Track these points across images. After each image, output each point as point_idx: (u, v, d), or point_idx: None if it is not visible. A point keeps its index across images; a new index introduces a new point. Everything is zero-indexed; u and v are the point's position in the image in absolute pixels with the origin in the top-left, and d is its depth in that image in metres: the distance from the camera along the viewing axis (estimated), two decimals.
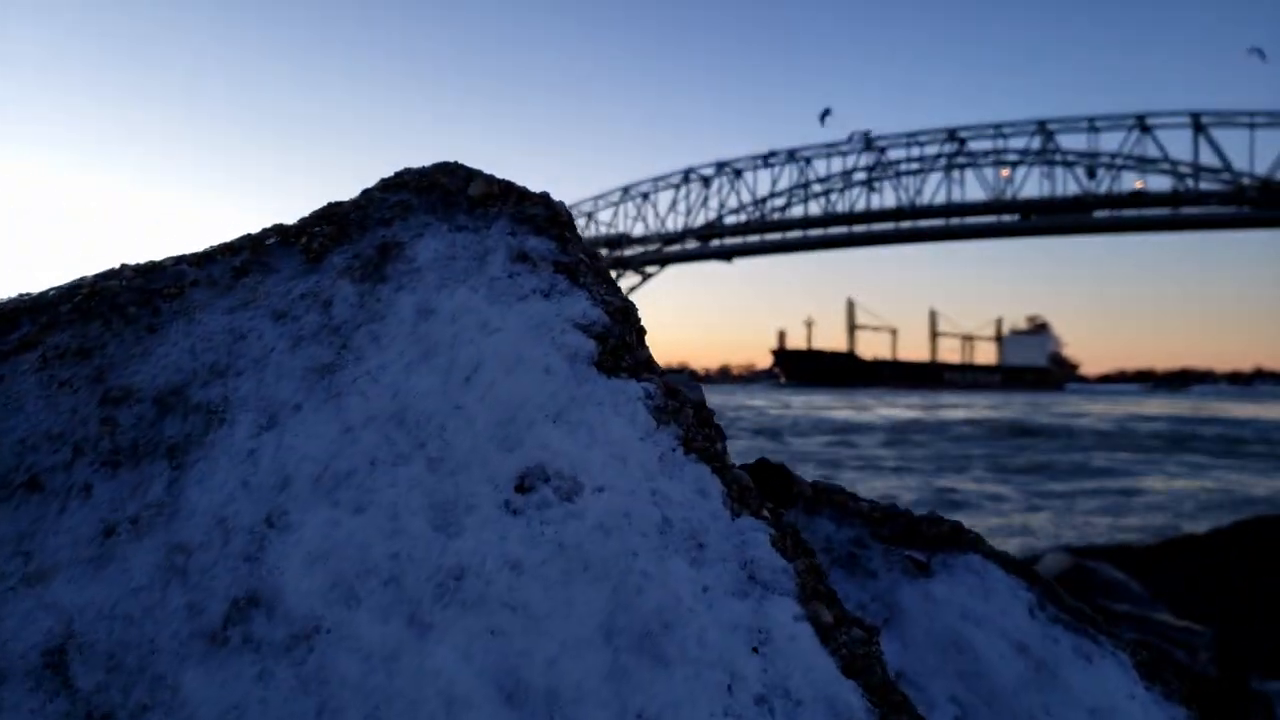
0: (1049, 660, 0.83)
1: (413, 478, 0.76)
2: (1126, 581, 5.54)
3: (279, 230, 1.02)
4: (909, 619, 0.86)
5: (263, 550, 0.72)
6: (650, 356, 0.91)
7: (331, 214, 1.03)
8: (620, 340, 0.90)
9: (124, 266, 0.99)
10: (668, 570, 0.70)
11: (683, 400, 0.85)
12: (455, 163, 1.10)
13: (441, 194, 1.06)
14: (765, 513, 0.78)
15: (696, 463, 0.79)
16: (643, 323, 0.98)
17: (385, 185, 1.07)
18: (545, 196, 1.06)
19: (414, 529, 0.73)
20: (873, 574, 0.89)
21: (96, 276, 0.97)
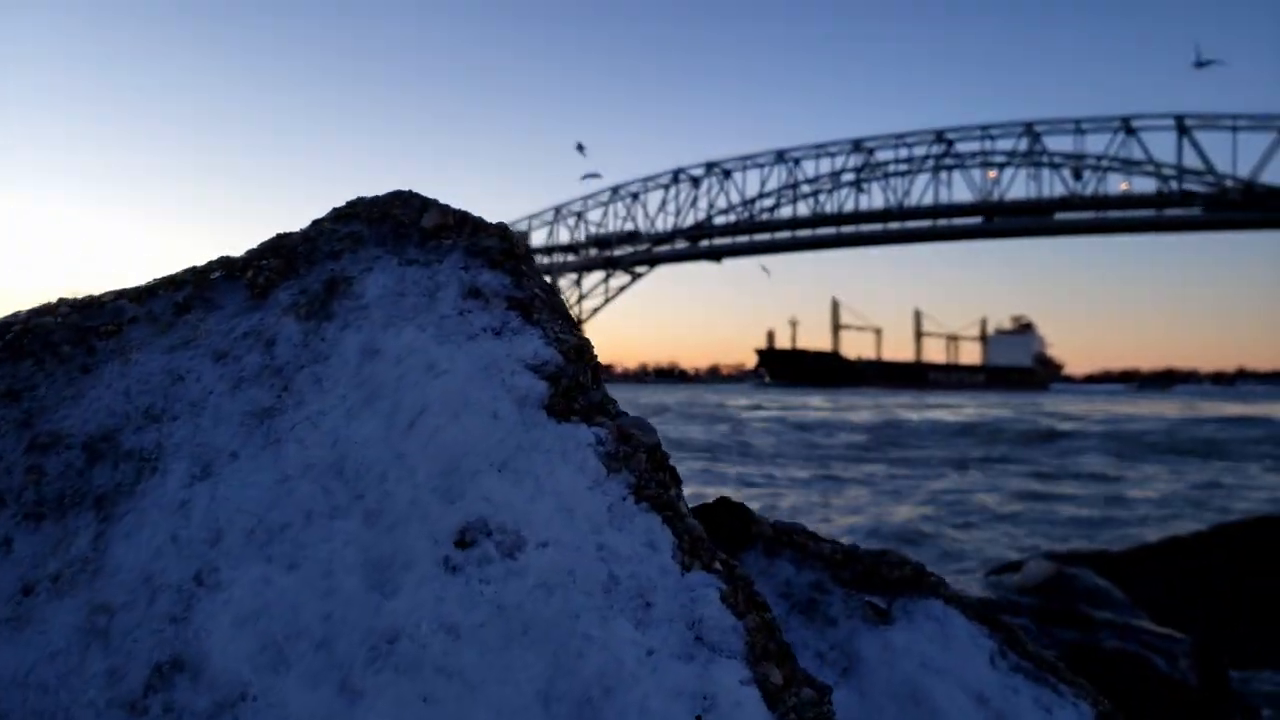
0: (1008, 712, 0.81)
1: (349, 532, 0.73)
2: (1108, 588, 5.56)
3: (224, 263, 0.99)
4: (868, 668, 0.84)
5: (190, 610, 0.69)
6: (604, 397, 0.89)
7: (279, 246, 1.00)
8: (573, 381, 0.87)
9: (61, 301, 0.96)
10: (611, 632, 0.68)
11: (636, 445, 0.82)
12: (410, 192, 1.07)
13: (394, 225, 1.02)
14: (718, 565, 0.75)
15: (647, 513, 0.77)
16: (598, 359, 0.96)
17: (336, 215, 1.04)
18: (501, 228, 1.04)
19: (348, 588, 0.70)
20: (832, 621, 0.87)
21: (31, 312, 0.94)
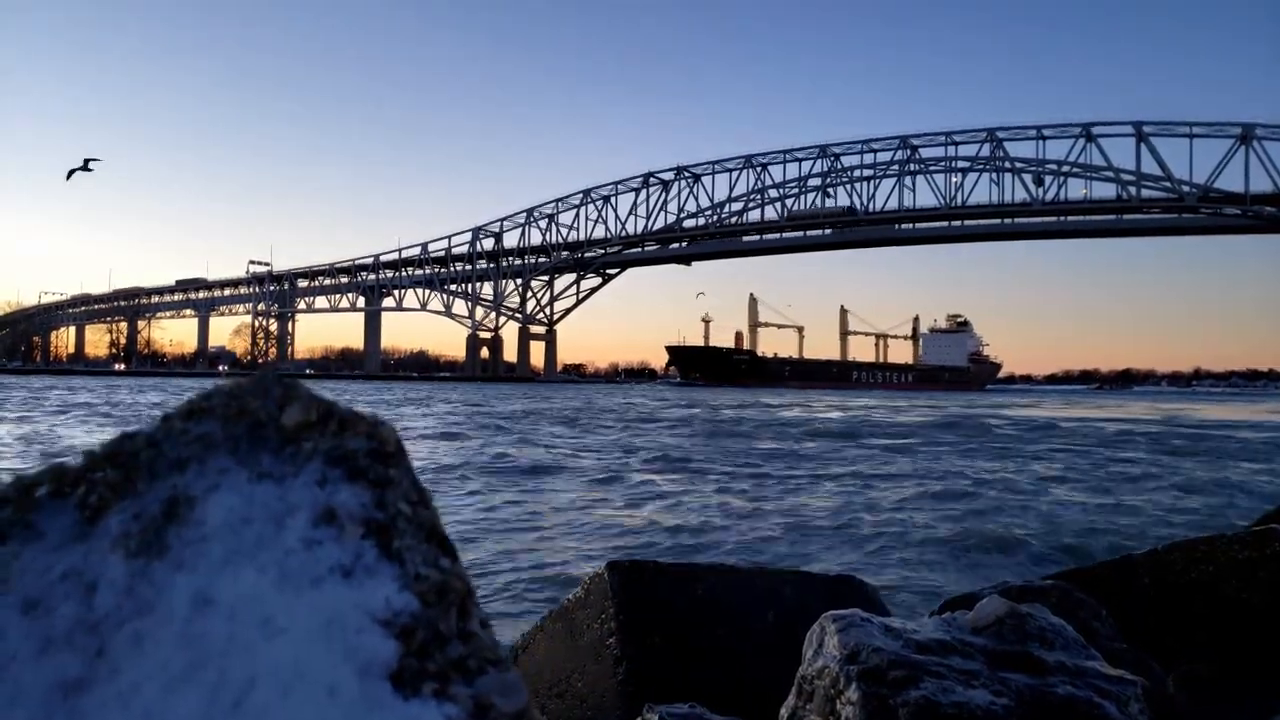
0: None
1: None
2: (1061, 626, 5.57)
3: (55, 476, 0.89)
4: None
5: None
6: (469, 646, 0.81)
7: (119, 453, 0.90)
8: (430, 633, 0.79)
9: None
10: None
11: (495, 718, 0.75)
12: (274, 376, 0.97)
13: (249, 425, 0.93)
14: None
15: None
16: (470, 585, 0.87)
17: (190, 411, 0.94)
18: (371, 424, 0.94)
19: None
20: None
21: None
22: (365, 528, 0.88)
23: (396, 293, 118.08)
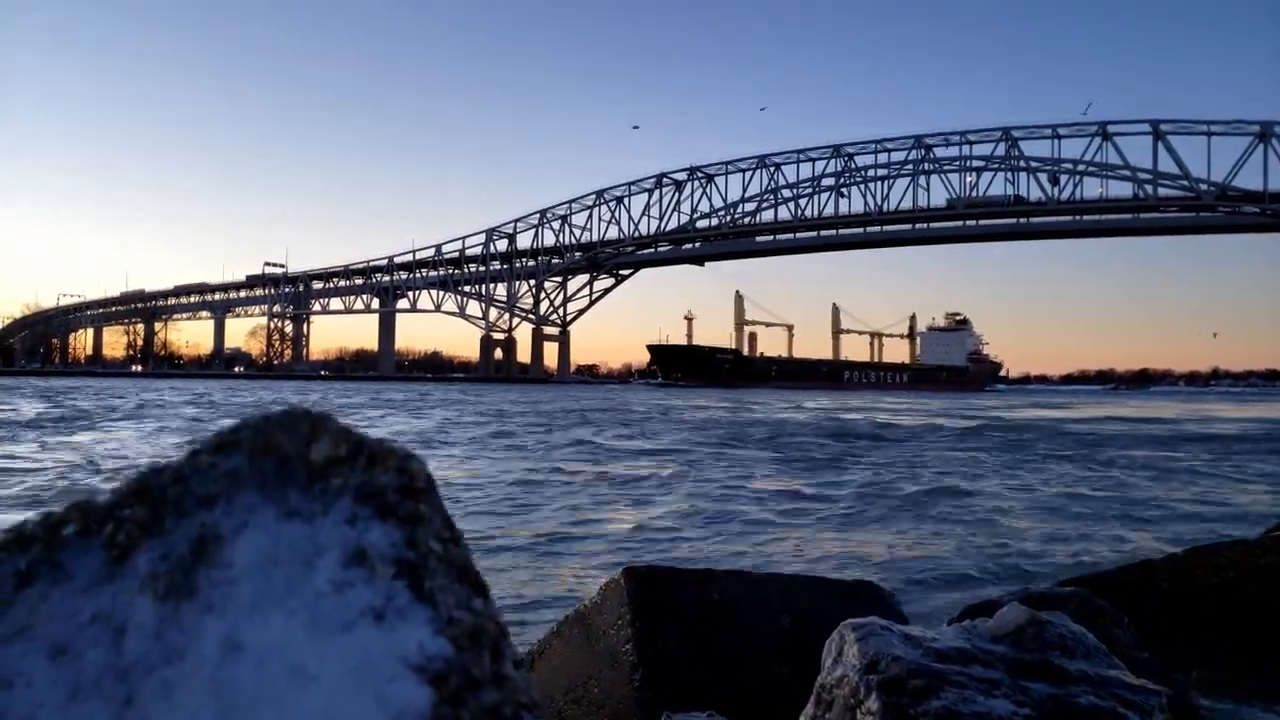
0: None
1: None
2: (1082, 635, 5.44)
3: (82, 513, 0.88)
4: None
5: None
6: (503, 693, 0.79)
7: (146, 489, 0.89)
8: (465, 678, 0.77)
9: None
10: None
11: None
12: (302, 411, 0.96)
13: (277, 460, 0.91)
14: None
15: None
16: (504, 626, 0.85)
17: (217, 444, 0.93)
18: (402, 459, 0.93)
19: None
20: None
21: None
22: (396, 568, 0.86)
23: (410, 294, 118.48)
